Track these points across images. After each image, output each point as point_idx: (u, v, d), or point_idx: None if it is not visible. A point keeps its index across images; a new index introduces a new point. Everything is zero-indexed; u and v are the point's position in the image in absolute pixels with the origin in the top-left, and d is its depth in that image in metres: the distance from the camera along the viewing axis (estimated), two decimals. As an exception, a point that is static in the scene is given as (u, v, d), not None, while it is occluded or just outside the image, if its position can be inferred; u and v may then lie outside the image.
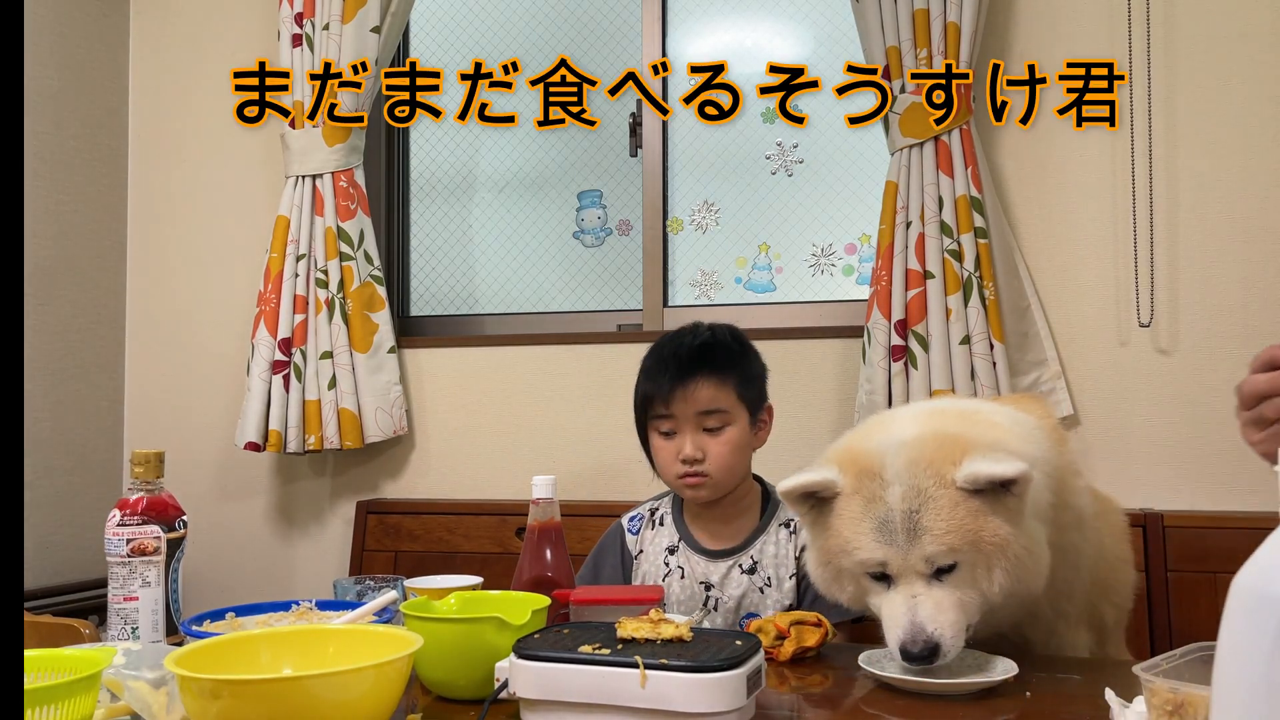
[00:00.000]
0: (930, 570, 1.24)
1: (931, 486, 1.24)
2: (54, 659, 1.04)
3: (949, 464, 1.24)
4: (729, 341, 1.77)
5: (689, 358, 1.72)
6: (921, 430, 1.30)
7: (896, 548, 1.24)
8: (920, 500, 1.24)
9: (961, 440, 1.26)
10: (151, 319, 3.11)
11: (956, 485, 1.23)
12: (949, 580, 1.25)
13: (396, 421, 2.78)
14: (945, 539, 1.22)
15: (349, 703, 0.94)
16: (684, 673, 1.02)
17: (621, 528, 1.86)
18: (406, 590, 1.44)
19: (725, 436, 1.71)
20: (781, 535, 1.75)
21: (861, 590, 1.31)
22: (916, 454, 1.26)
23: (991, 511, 1.24)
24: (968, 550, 1.23)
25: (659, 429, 1.74)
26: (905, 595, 1.25)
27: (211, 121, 3.07)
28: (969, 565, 1.24)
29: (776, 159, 2.80)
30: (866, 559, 1.26)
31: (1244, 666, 0.61)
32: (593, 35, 2.96)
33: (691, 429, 1.71)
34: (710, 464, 1.70)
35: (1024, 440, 1.32)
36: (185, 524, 1.43)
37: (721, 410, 1.71)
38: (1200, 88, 2.37)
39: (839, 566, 1.31)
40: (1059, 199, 2.46)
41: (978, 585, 1.25)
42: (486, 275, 3.03)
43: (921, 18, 2.38)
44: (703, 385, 1.70)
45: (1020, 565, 1.25)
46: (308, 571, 2.92)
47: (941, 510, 1.23)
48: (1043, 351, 2.41)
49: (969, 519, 1.23)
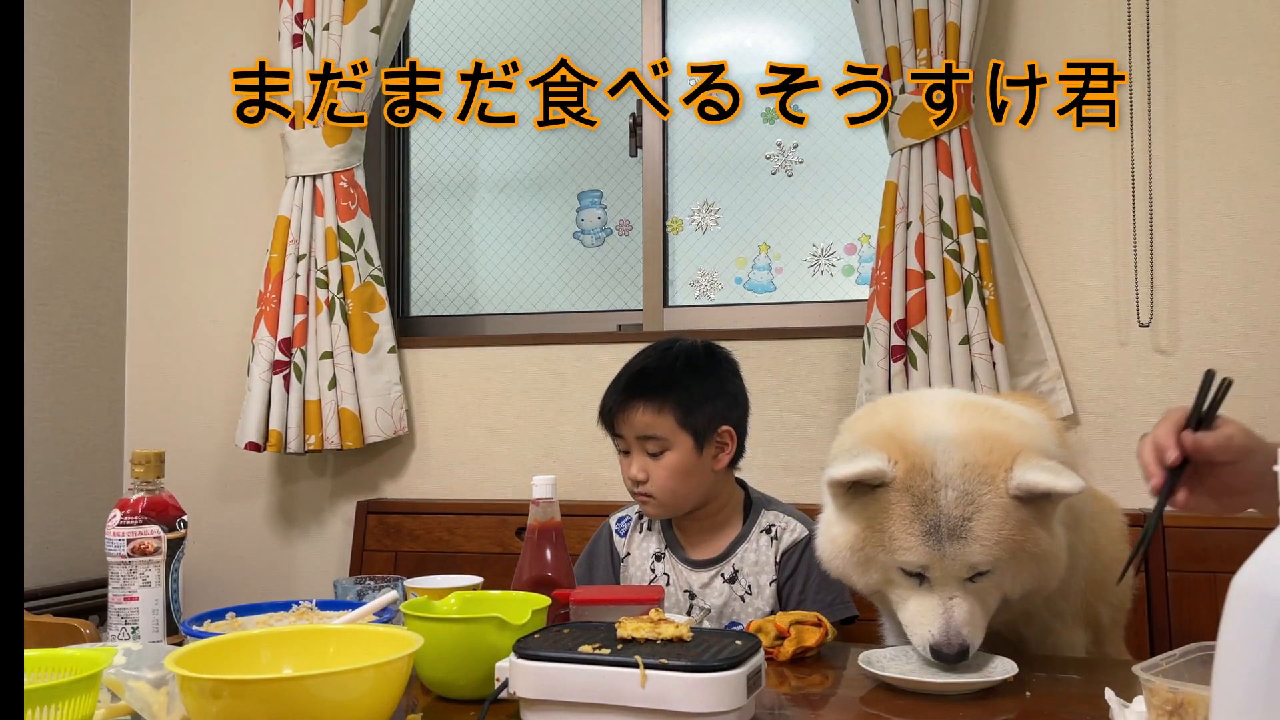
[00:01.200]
0: (968, 575, 1.25)
1: (985, 494, 1.23)
2: (54, 659, 1.04)
3: (1001, 469, 1.24)
4: (675, 367, 1.75)
5: (626, 383, 1.75)
6: (964, 427, 1.28)
7: (942, 553, 1.24)
8: (973, 508, 1.23)
9: (1009, 442, 1.26)
10: (151, 319, 3.11)
11: (1010, 494, 1.23)
12: (981, 583, 1.26)
13: (396, 421, 2.78)
14: (993, 550, 1.23)
15: (349, 703, 0.94)
16: (684, 673, 1.02)
17: (609, 528, 1.87)
18: (406, 590, 1.44)
19: (664, 461, 1.71)
20: (762, 541, 1.75)
21: (887, 583, 1.29)
22: (969, 455, 1.25)
23: (1037, 522, 1.25)
24: (1007, 559, 1.24)
25: (616, 446, 1.78)
26: (942, 597, 1.25)
27: (212, 121, 3.07)
28: (1002, 571, 1.25)
29: (776, 159, 2.80)
30: (911, 560, 1.25)
31: (1244, 666, 0.61)
32: (593, 35, 2.96)
33: (637, 450, 1.73)
34: (652, 485, 1.72)
35: (1046, 439, 1.33)
36: (185, 524, 1.43)
37: (657, 437, 1.71)
38: (1200, 88, 2.37)
39: (871, 557, 1.28)
40: (1059, 199, 2.46)
41: (1003, 588, 1.27)
42: (486, 275, 3.03)
43: (921, 18, 2.38)
44: (639, 411, 1.72)
45: (1047, 570, 1.27)
46: (308, 571, 2.92)
47: (994, 520, 1.23)
48: (1043, 351, 2.41)
49: (1017, 530, 1.23)
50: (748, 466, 1.85)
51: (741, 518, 1.80)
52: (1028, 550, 1.24)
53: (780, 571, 1.73)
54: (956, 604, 1.24)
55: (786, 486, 2.39)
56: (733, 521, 1.79)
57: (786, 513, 1.79)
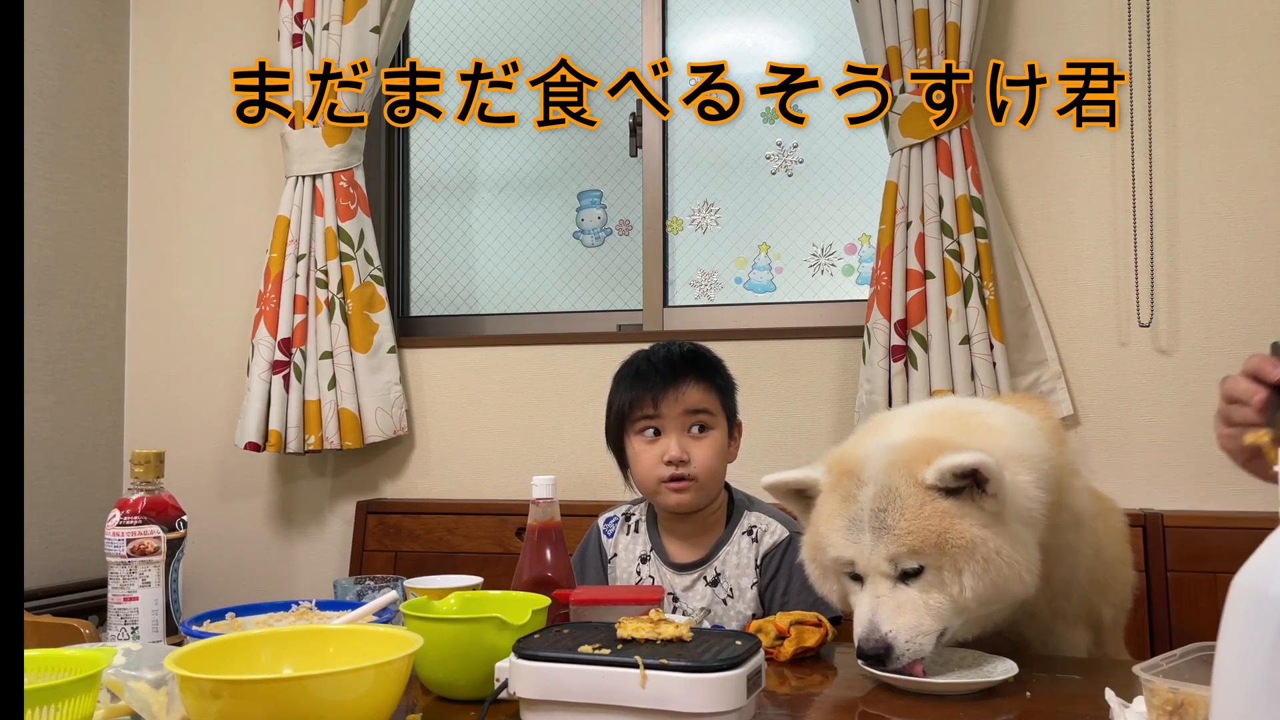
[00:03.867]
0: (895, 572, 1.24)
1: (902, 486, 1.24)
2: (54, 659, 1.04)
3: (922, 464, 1.24)
4: (709, 354, 1.82)
5: (680, 359, 1.76)
6: (911, 434, 1.31)
7: (862, 546, 1.25)
8: (889, 500, 1.25)
9: (945, 443, 1.26)
10: (151, 319, 3.11)
11: (925, 484, 1.23)
12: (916, 583, 1.24)
13: (396, 421, 2.78)
14: (907, 539, 1.22)
15: (349, 703, 0.94)
16: (684, 673, 1.02)
17: (598, 529, 1.87)
18: (406, 590, 1.44)
19: (709, 439, 1.72)
20: (744, 543, 1.75)
21: (844, 589, 1.33)
22: (897, 456, 1.27)
23: (962, 514, 1.22)
24: (932, 552, 1.22)
25: (643, 431, 1.74)
26: (870, 595, 1.26)
27: (212, 121, 3.07)
28: (935, 568, 1.23)
29: (776, 159, 2.80)
30: (837, 556, 1.29)
31: (1244, 666, 0.61)
32: (593, 35, 2.96)
33: (677, 431, 1.72)
34: (696, 466, 1.70)
35: (1020, 440, 1.32)
36: (185, 524, 1.43)
37: (708, 411, 1.73)
38: (1200, 87, 2.37)
39: (821, 563, 1.34)
40: (1059, 199, 2.46)
41: (946, 589, 1.23)
42: (486, 275, 3.03)
43: (921, 18, 2.38)
44: (692, 386, 1.73)
45: (992, 569, 1.22)
46: (308, 571, 2.92)
47: (907, 510, 1.23)
48: (1043, 351, 2.41)
49: (934, 520, 1.22)
50: (747, 466, 1.85)
51: (725, 518, 1.80)
52: (953, 543, 1.21)
53: (762, 574, 1.73)
54: (882, 601, 1.24)
55: (786, 486, 2.40)
56: (718, 522, 1.79)
57: (768, 513, 1.78)
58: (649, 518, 1.83)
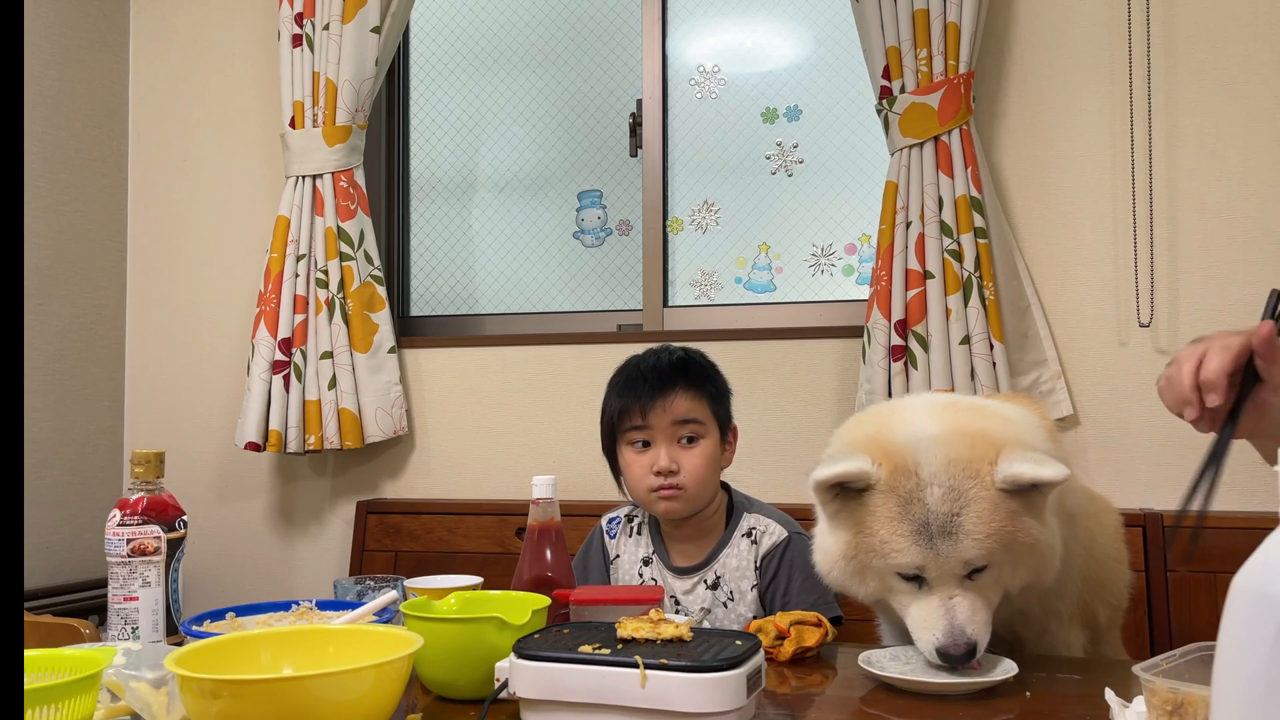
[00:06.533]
0: (965, 572, 1.24)
1: (972, 488, 1.23)
2: (54, 659, 1.04)
3: (986, 463, 1.24)
4: (701, 360, 1.81)
5: (668, 369, 1.75)
6: (945, 426, 1.29)
7: (935, 551, 1.23)
8: (961, 503, 1.23)
9: (992, 437, 1.26)
10: (151, 319, 3.11)
11: (996, 486, 1.23)
12: (980, 579, 1.25)
13: (396, 421, 2.78)
14: (986, 543, 1.22)
15: (349, 703, 0.94)
16: (684, 673, 1.02)
17: (601, 529, 1.87)
18: (406, 590, 1.44)
19: (699, 449, 1.72)
20: (743, 545, 1.75)
21: (885, 589, 1.29)
22: (952, 452, 1.25)
23: (1026, 512, 1.25)
24: (1000, 550, 1.24)
25: (633, 442, 1.74)
26: (942, 597, 1.24)
27: (212, 121, 3.07)
28: (998, 565, 1.25)
29: (776, 159, 2.80)
30: (905, 563, 1.24)
31: (1244, 666, 0.61)
32: (593, 35, 2.96)
33: (666, 441, 1.71)
34: (685, 476, 1.70)
35: (1029, 434, 1.33)
36: (185, 524, 1.43)
37: (697, 421, 1.73)
38: (1200, 87, 2.37)
39: (866, 564, 1.28)
40: (1059, 199, 2.45)
41: (1003, 582, 1.27)
42: (486, 275, 3.03)
43: (921, 18, 2.38)
44: (680, 396, 1.72)
45: (1044, 561, 1.27)
46: (308, 571, 2.92)
47: (983, 514, 1.22)
48: (1043, 351, 2.41)
49: (1007, 521, 1.23)
50: (748, 466, 1.85)
51: (724, 520, 1.80)
52: (1021, 541, 1.24)
53: (761, 576, 1.73)
54: (958, 603, 1.24)
55: (787, 487, 2.40)
56: (717, 525, 1.79)
57: (766, 514, 1.78)
58: (650, 520, 1.83)
